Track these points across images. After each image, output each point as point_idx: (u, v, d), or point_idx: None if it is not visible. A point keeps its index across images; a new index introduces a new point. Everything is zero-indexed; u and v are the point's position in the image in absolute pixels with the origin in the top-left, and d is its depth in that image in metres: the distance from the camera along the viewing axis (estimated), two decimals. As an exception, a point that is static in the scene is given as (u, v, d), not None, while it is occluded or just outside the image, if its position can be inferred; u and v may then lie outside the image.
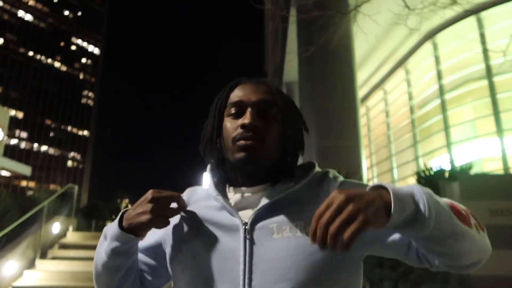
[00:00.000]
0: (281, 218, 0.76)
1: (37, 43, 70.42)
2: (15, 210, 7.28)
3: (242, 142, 0.78)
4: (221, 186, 0.87)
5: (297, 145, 0.87)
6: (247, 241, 0.74)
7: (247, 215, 0.78)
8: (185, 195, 0.92)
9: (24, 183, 61.97)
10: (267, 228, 0.75)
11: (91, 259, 5.68)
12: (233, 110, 0.83)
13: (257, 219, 0.77)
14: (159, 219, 0.76)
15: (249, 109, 0.81)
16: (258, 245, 0.73)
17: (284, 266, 0.70)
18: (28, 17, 70.16)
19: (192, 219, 0.83)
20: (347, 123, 9.38)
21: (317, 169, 0.86)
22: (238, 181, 0.85)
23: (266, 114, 0.82)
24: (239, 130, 0.79)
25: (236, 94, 0.85)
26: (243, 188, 0.84)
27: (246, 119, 0.79)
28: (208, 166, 0.90)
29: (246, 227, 0.76)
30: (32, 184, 62.17)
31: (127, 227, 0.78)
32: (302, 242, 0.71)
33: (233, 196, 0.84)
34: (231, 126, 0.82)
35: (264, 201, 0.78)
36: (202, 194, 0.89)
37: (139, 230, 0.78)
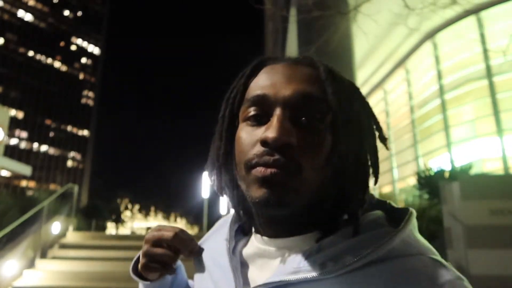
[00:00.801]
0: None
1: (37, 43, 70.43)
2: (15, 210, 7.29)
3: (261, 170, 0.46)
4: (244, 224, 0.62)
5: (366, 170, 0.52)
6: None
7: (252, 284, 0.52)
8: (216, 226, 0.69)
9: (24, 183, 62.01)
10: None
11: (91, 259, 5.66)
12: (252, 111, 0.51)
13: None
14: (153, 264, 0.60)
15: (277, 112, 0.48)
16: None
17: None
18: (28, 17, 70.16)
19: (207, 261, 0.61)
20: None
21: (394, 240, 0.44)
22: (260, 224, 0.54)
23: (308, 119, 0.49)
24: (259, 149, 0.47)
25: (259, 84, 0.52)
26: (266, 238, 0.53)
27: (270, 131, 0.46)
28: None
29: None
30: (32, 184, 62.22)
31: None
32: None
33: (252, 246, 0.56)
34: (247, 139, 0.50)
35: (276, 274, 0.47)
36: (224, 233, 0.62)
37: (144, 273, 0.64)
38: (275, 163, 0.45)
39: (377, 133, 0.54)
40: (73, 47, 76.71)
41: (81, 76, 77.31)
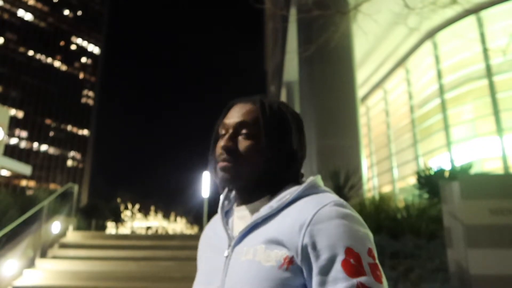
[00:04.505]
0: (251, 240, 0.78)
1: (37, 43, 70.39)
2: (15, 209, 7.29)
3: (220, 164, 0.85)
4: (228, 205, 0.95)
5: (288, 157, 0.86)
6: (226, 261, 0.80)
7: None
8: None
9: (24, 183, 61.98)
10: (242, 250, 0.78)
11: (91, 258, 5.66)
12: (222, 132, 0.89)
13: (237, 241, 0.81)
14: None
15: (228, 132, 0.86)
16: (231, 267, 0.78)
17: (243, 286, 0.73)
18: (28, 16, 70.12)
19: (205, 244, 0.94)
20: (347, 122, 9.37)
21: (300, 188, 0.79)
22: (236, 198, 0.91)
23: (244, 134, 0.85)
24: (219, 151, 0.85)
25: (226, 116, 0.90)
26: (243, 206, 0.88)
27: (223, 141, 0.85)
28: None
29: (228, 250, 0.82)
30: (32, 183, 62.19)
31: None
32: (257, 266, 0.73)
33: (236, 214, 0.90)
34: (217, 147, 0.88)
35: (248, 223, 0.81)
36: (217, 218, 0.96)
37: None
38: (224, 159, 0.83)
39: (297, 136, 0.88)
40: (73, 47, 76.67)
41: (81, 76, 77.28)
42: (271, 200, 0.81)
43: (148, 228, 47.51)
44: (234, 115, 0.88)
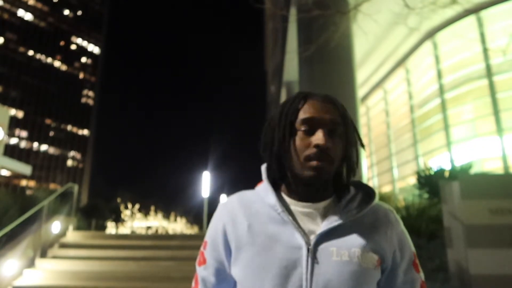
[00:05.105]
0: (340, 242, 0.83)
1: (37, 42, 70.38)
2: (15, 209, 7.30)
3: (314, 162, 0.82)
4: (279, 196, 0.91)
5: (357, 162, 0.91)
6: (309, 260, 0.81)
7: (309, 233, 0.85)
8: (237, 202, 0.93)
9: (24, 183, 61.98)
10: (328, 250, 0.82)
11: (91, 258, 5.65)
12: (304, 127, 0.85)
13: (319, 240, 0.82)
14: None
15: (321, 129, 0.83)
16: (320, 265, 0.80)
17: (341, 285, 0.79)
18: (28, 16, 70.11)
19: (253, 231, 0.86)
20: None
21: (377, 199, 0.91)
22: (298, 193, 0.89)
23: (334, 134, 0.85)
24: (313, 150, 0.82)
25: (308, 110, 0.86)
26: (304, 203, 0.88)
27: (320, 139, 0.81)
28: (264, 169, 0.94)
29: (310, 247, 0.81)
30: (32, 183, 62.17)
31: None
32: (356, 268, 0.80)
33: (294, 209, 0.88)
34: (303, 142, 0.84)
35: (326, 224, 0.84)
36: (259, 202, 0.91)
37: None
38: (322, 159, 0.82)
39: (360, 141, 0.94)
40: (73, 47, 76.67)
41: (81, 76, 77.26)
42: (340, 202, 0.89)
43: (148, 228, 47.51)
44: (323, 111, 0.86)
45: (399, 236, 0.89)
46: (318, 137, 0.82)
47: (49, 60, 72.13)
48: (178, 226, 54.93)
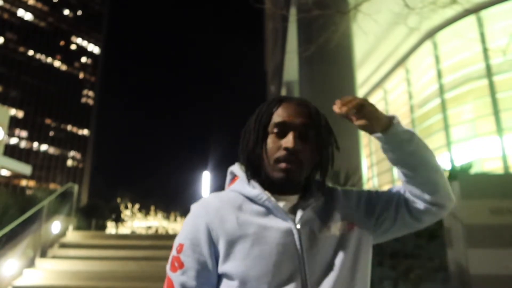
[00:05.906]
0: (319, 220, 0.91)
1: (37, 42, 70.39)
2: (15, 209, 7.29)
3: (283, 164, 0.86)
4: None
5: (330, 163, 0.96)
6: (302, 240, 0.86)
7: (292, 218, 0.90)
8: (218, 201, 0.94)
9: (24, 183, 61.96)
10: (312, 229, 0.89)
11: (91, 258, 5.64)
12: (276, 130, 0.89)
13: (303, 222, 0.89)
14: None
15: (291, 132, 0.87)
16: (311, 243, 0.87)
17: (330, 256, 0.87)
18: (28, 16, 70.12)
19: (243, 224, 0.88)
20: (346, 122, 9.36)
21: (328, 184, 1.01)
22: (272, 188, 0.93)
23: (306, 137, 0.89)
24: (282, 152, 0.87)
25: (280, 114, 0.90)
26: (278, 196, 0.92)
27: (289, 143, 0.86)
28: (237, 168, 1.00)
29: (298, 228, 0.87)
30: (32, 183, 62.15)
31: None
32: (340, 238, 0.89)
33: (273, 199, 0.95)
34: (274, 145, 0.89)
35: (303, 208, 0.91)
36: (239, 198, 0.94)
37: None
38: (291, 161, 0.86)
39: (334, 143, 0.97)
40: (73, 46, 76.70)
41: (81, 76, 77.29)
42: (306, 195, 0.95)
43: (148, 228, 47.50)
44: (295, 115, 0.90)
45: (349, 195, 0.99)
46: (288, 140, 0.86)
47: (49, 60, 72.16)
48: (178, 226, 54.96)
